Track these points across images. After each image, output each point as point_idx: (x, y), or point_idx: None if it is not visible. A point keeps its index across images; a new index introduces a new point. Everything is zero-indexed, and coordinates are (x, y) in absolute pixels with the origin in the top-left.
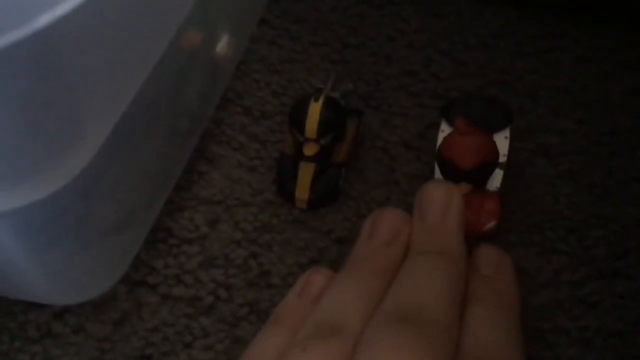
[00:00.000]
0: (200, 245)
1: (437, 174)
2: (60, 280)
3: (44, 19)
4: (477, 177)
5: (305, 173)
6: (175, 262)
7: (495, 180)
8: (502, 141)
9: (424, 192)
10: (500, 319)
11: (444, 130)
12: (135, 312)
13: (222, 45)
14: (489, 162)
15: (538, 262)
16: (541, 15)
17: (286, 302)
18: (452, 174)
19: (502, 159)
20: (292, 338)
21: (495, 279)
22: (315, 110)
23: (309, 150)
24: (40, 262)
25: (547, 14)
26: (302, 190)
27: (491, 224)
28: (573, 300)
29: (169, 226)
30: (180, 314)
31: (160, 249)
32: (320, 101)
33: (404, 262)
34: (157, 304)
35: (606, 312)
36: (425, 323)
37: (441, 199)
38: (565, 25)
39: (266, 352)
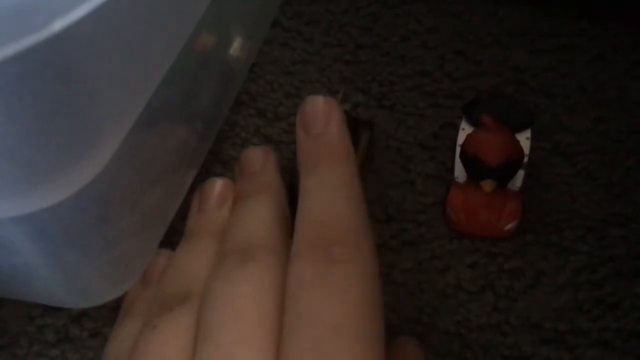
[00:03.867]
0: None
1: (457, 171)
2: (77, 283)
3: (59, 23)
4: (502, 174)
5: None
6: None
7: (517, 180)
8: (523, 141)
9: (242, 157)
10: (335, 191)
11: (465, 128)
12: None
13: (235, 47)
14: (515, 161)
15: (556, 263)
16: (556, 13)
17: (131, 292)
18: (477, 170)
19: (524, 159)
20: (143, 319)
21: (321, 141)
22: None
23: None
24: (57, 266)
25: (562, 11)
26: None
27: (512, 224)
28: (592, 300)
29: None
30: None
31: None
32: None
33: (234, 210)
34: None
35: (626, 313)
36: (257, 253)
37: (260, 156)
38: (581, 23)
39: (121, 344)
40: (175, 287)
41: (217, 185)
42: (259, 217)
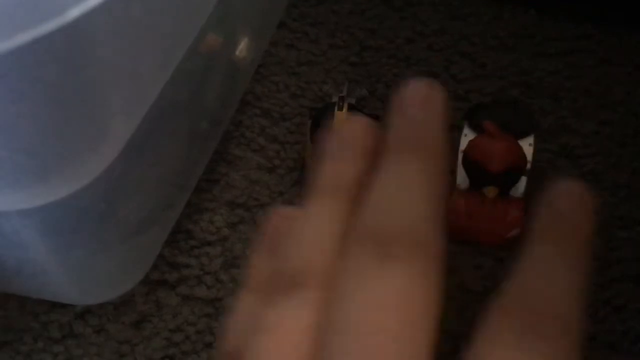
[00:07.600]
0: (221, 246)
1: (459, 177)
2: (82, 279)
3: (74, 12)
4: (504, 181)
5: None
6: (196, 263)
7: (519, 187)
8: (526, 148)
9: (400, 90)
10: (574, 266)
11: (467, 134)
12: (155, 313)
13: (242, 48)
14: (517, 167)
15: None
16: (562, 16)
17: (250, 263)
18: (480, 177)
19: (527, 165)
20: (259, 298)
21: (574, 217)
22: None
23: None
24: (63, 261)
25: (568, 15)
26: None
27: (515, 232)
28: (598, 303)
29: (189, 228)
30: (200, 314)
31: (181, 251)
32: (345, 109)
33: (378, 170)
34: (177, 304)
35: (632, 315)
36: (398, 249)
37: (422, 93)
38: (586, 27)
39: (238, 320)
40: (293, 262)
41: (359, 124)
42: (411, 190)
